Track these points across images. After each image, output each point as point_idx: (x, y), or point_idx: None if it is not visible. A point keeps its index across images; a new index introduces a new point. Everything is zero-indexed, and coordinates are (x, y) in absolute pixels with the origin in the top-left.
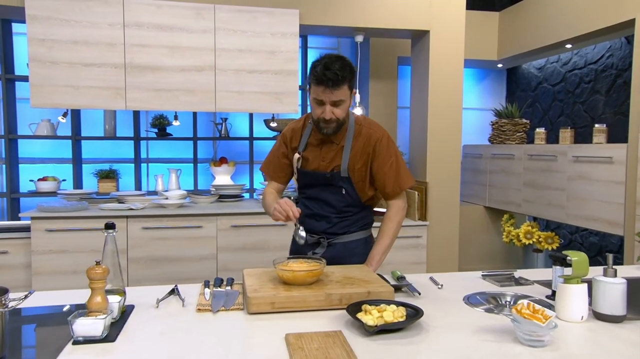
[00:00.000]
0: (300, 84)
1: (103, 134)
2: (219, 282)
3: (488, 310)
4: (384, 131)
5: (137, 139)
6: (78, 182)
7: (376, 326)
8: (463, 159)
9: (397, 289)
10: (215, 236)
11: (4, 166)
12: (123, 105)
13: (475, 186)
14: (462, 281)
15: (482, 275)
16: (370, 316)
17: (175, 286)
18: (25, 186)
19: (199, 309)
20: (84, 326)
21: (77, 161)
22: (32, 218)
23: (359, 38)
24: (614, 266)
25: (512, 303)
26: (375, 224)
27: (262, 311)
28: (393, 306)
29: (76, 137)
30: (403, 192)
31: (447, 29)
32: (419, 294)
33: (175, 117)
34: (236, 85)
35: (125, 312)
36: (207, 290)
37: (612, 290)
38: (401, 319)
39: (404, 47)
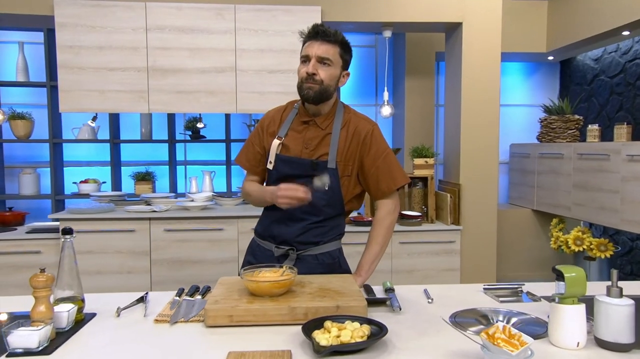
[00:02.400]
0: None
1: (140, 137)
2: (193, 290)
3: (475, 331)
4: (374, 122)
5: (171, 141)
6: (117, 184)
7: (328, 346)
8: (510, 159)
9: (380, 302)
10: (236, 239)
11: (49, 168)
12: (146, 108)
13: (522, 187)
14: (459, 295)
15: (484, 288)
16: (327, 335)
17: (146, 293)
18: (70, 188)
19: (156, 320)
20: (19, 337)
21: (115, 163)
22: (61, 220)
23: (387, 34)
24: (619, 285)
25: (504, 322)
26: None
27: (219, 324)
28: (356, 324)
29: (114, 141)
30: (396, 192)
31: (481, 21)
32: (400, 309)
33: (200, 119)
34: (257, 85)
35: (84, 320)
36: (176, 299)
37: (616, 313)
38: (360, 340)
39: (442, 41)
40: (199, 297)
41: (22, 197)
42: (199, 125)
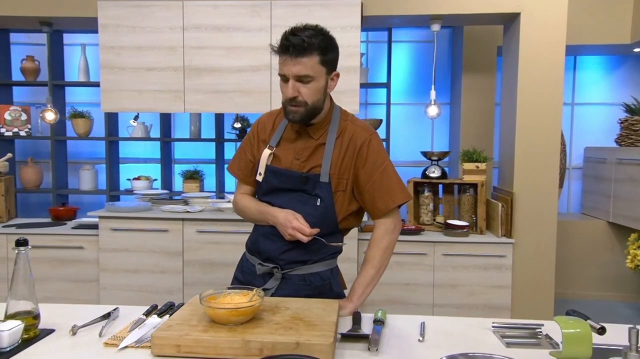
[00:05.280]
0: (369, 81)
1: (189, 136)
2: (165, 307)
3: None
4: (373, 130)
5: (218, 140)
6: (167, 182)
7: None
8: (584, 164)
9: (360, 338)
10: None
11: (104, 165)
12: (182, 108)
13: (597, 196)
14: (460, 332)
15: (493, 326)
16: None
17: (115, 308)
18: (125, 184)
19: (106, 344)
20: None
21: (165, 161)
22: (100, 217)
23: (436, 27)
24: None
25: None
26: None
27: (166, 354)
28: None
29: (164, 139)
30: (396, 210)
31: (543, 11)
32: (377, 349)
33: (238, 119)
34: None
35: (36, 337)
36: (142, 317)
37: None
38: None
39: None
40: (167, 317)
41: (81, 192)
42: (236, 125)
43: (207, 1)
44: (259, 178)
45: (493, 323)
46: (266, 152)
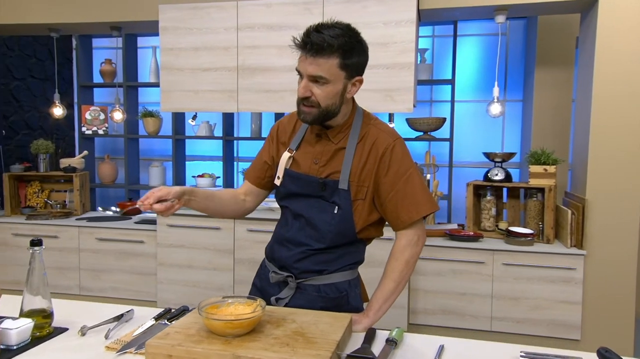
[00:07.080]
0: (434, 77)
1: (250, 134)
2: (179, 311)
3: None
4: (397, 135)
5: None
6: (229, 180)
7: None
8: None
9: None
10: None
11: (171, 162)
12: (235, 107)
13: None
14: (482, 358)
15: (522, 355)
16: None
17: (129, 310)
18: (191, 181)
19: (107, 347)
20: None
21: (227, 159)
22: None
23: (500, 19)
24: None
25: None
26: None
27: None
28: None
29: (226, 138)
30: (420, 220)
31: None
32: None
33: None
34: None
35: (48, 336)
36: (151, 321)
37: None
38: None
39: None
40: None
41: (150, 188)
42: None
43: (261, 0)
44: (277, 182)
45: (521, 351)
46: (285, 155)
